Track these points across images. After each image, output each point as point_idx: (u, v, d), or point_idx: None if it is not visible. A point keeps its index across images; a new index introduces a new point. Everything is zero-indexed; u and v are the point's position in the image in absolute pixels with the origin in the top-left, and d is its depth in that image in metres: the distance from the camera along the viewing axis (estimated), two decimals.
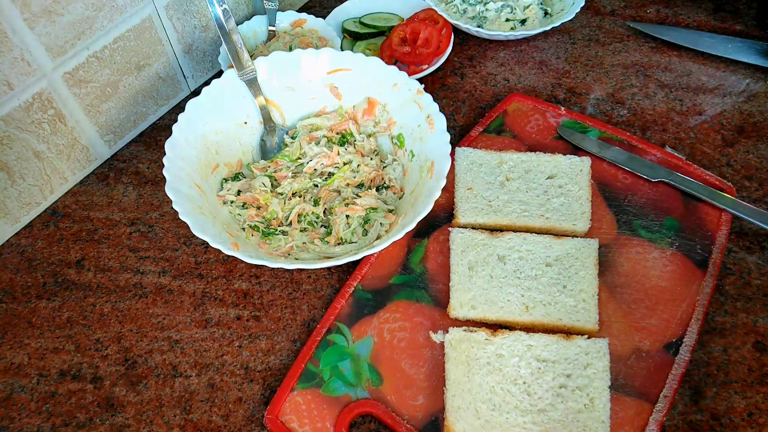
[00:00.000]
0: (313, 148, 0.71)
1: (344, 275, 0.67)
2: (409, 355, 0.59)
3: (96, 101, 0.73)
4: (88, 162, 0.76)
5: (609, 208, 0.68)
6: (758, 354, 0.59)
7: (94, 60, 0.70)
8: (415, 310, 0.62)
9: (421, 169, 0.67)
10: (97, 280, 0.67)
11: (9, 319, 0.64)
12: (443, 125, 0.66)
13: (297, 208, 0.67)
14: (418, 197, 0.65)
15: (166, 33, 0.77)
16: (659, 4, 0.94)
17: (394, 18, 0.92)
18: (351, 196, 0.67)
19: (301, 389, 0.57)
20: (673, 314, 0.60)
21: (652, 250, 0.65)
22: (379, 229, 0.66)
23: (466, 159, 0.72)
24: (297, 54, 0.71)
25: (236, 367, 0.61)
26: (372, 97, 0.73)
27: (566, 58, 0.88)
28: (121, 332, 0.63)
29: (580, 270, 0.62)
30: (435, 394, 0.56)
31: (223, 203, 0.68)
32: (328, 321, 0.61)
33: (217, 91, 0.69)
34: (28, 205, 0.71)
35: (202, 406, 0.58)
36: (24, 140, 0.67)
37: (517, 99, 0.80)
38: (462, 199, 0.69)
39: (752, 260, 0.65)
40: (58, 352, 0.62)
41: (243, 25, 0.85)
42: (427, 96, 0.68)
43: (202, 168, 0.67)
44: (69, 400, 0.59)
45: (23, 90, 0.64)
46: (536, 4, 0.90)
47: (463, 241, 0.65)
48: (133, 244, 0.70)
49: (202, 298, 0.66)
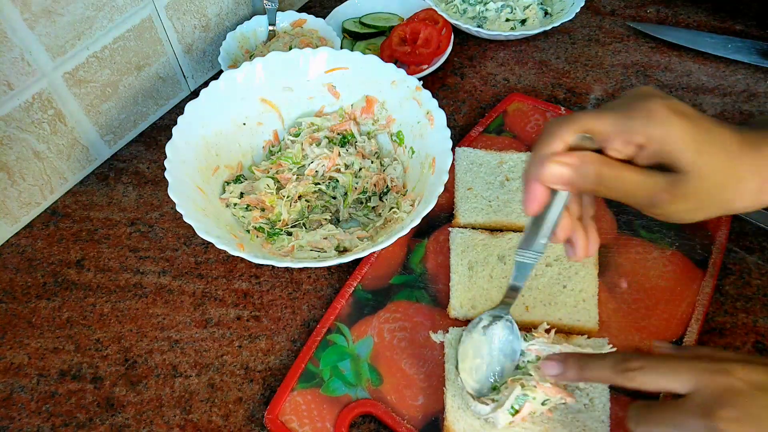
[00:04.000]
0: (315, 150, 0.71)
1: (344, 275, 0.67)
2: (409, 355, 0.59)
3: (96, 101, 0.73)
4: (88, 162, 0.76)
5: (609, 208, 0.68)
6: (758, 354, 0.59)
7: (94, 60, 0.70)
8: (415, 310, 0.62)
9: (422, 166, 0.67)
10: (97, 280, 0.67)
11: (9, 319, 0.64)
12: (443, 121, 0.66)
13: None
14: (420, 194, 0.65)
15: (166, 33, 0.77)
16: (659, 4, 0.94)
17: (394, 18, 0.92)
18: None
19: (301, 389, 0.57)
20: (673, 314, 0.60)
21: (652, 250, 0.65)
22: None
23: (466, 159, 0.72)
24: (295, 54, 0.71)
25: (236, 367, 0.61)
26: (370, 95, 0.73)
27: (566, 58, 0.88)
28: (121, 332, 0.63)
29: (580, 270, 0.62)
30: (435, 394, 0.56)
31: (225, 206, 0.68)
32: (328, 321, 0.61)
33: (215, 93, 0.69)
34: (28, 205, 0.71)
35: (202, 406, 0.58)
36: (24, 140, 0.67)
37: (517, 99, 0.80)
38: (462, 199, 0.69)
39: (752, 260, 0.65)
40: (58, 352, 0.62)
41: (243, 25, 0.85)
42: (426, 92, 0.68)
43: (203, 170, 0.67)
44: (69, 400, 0.59)
45: (23, 90, 0.64)
46: (536, 4, 0.90)
47: (463, 241, 0.65)
48: (133, 244, 0.70)
49: (202, 298, 0.66)
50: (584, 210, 0.51)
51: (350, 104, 0.75)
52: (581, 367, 0.47)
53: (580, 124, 0.45)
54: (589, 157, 0.45)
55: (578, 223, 0.50)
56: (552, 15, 0.90)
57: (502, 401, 0.51)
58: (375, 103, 0.73)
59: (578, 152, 0.45)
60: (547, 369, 0.49)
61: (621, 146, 0.44)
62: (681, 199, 0.44)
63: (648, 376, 0.44)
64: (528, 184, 0.47)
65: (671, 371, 0.43)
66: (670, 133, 0.42)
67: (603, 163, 0.45)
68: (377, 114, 0.74)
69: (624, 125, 0.44)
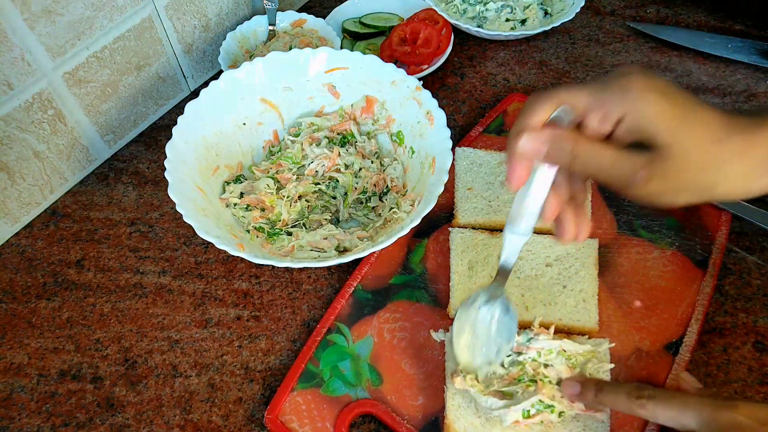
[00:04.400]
0: (315, 150, 0.71)
1: (344, 275, 0.67)
2: (409, 355, 0.59)
3: (96, 101, 0.73)
4: (88, 162, 0.76)
5: (609, 208, 0.68)
6: (758, 354, 0.59)
7: (94, 60, 0.70)
8: (415, 310, 0.62)
9: (422, 166, 0.68)
10: (97, 280, 0.67)
11: (9, 319, 0.64)
12: (443, 121, 0.66)
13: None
14: (420, 194, 0.65)
15: (166, 33, 0.77)
16: (659, 4, 0.94)
17: (394, 18, 0.92)
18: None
19: (301, 389, 0.57)
20: (673, 314, 0.60)
21: (652, 250, 0.65)
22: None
23: (466, 159, 0.72)
24: (294, 54, 0.71)
25: (236, 367, 0.61)
26: (370, 95, 0.73)
27: (566, 58, 0.88)
28: (121, 332, 0.63)
29: (580, 270, 0.62)
30: (435, 394, 0.56)
31: (225, 206, 0.68)
32: (328, 321, 0.61)
33: (215, 93, 0.69)
34: (28, 205, 0.71)
35: (202, 406, 0.58)
36: (24, 140, 0.67)
37: (517, 99, 0.80)
38: (462, 199, 0.69)
39: (752, 260, 0.65)
40: (58, 352, 0.62)
41: (243, 25, 0.85)
42: (426, 92, 0.68)
43: (203, 170, 0.67)
44: (69, 400, 0.59)
45: (23, 90, 0.64)
46: (536, 4, 0.90)
47: (463, 241, 0.65)
48: (133, 244, 0.70)
49: (202, 298, 0.66)
50: (576, 193, 0.50)
51: (350, 104, 0.75)
52: (599, 390, 0.50)
53: (559, 97, 0.45)
54: (564, 133, 0.44)
55: (568, 205, 0.49)
56: (552, 15, 0.90)
57: (518, 401, 0.51)
58: (375, 103, 0.73)
59: (553, 128, 0.45)
60: (567, 388, 0.51)
61: (598, 121, 0.44)
62: (659, 178, 0.42)
63: (659, 407, 0.45)
64: (508, 159, 0.47)
65: (681, 404, 0.45)
66: (645, 108, 0.42)
67: (578, 139, 0.44)
68: (377, 114, 0.74)
69: (600, 99, 0.43)
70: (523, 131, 0.45)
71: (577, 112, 0.45)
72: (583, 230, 0.50)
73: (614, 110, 0.43)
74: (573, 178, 0.49)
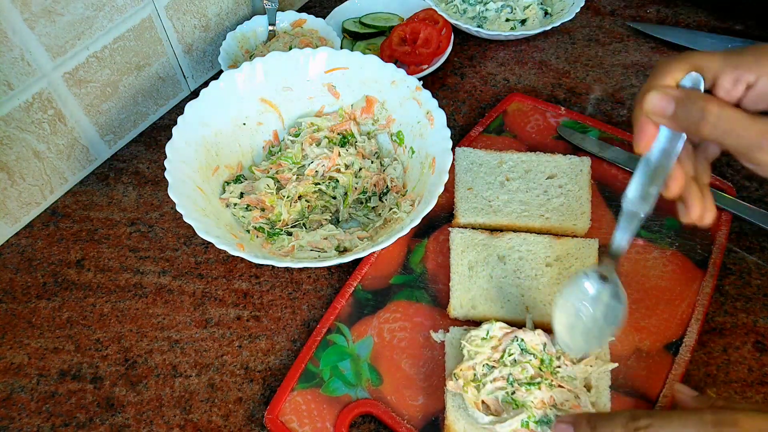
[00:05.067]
0: (314, 150, 0.71)
1: (344, 275, 0.67)
2: (409, 355, 0.59)
3: (96, 101, 0.73)
4: (88, 162, 0.76)
5: (609, 208, 0.68)
6: (758, 354, 0.59)
7: (94, 60, 0.70)
8: (415, 310, 0.62)
9: (422, 166, 0.68)
10: (97, 280, 0.67)
11: (9, 319, 0.64)
12: (443, 121, 0.66)
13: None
14: (420, 194, 0.65)
15: (166, 33, 0.77)
16: (659, 4, 0.94)
17: (394, 18, 0.92)
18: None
19: (301, 389, 0.57)
20: (673, 314, 0.60)
21: (652, 250, 0.65)
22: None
23: (466, 159, 0.72)
24: (294, 54, 0.71)
25: (236, 367, 0.61)
26: (370, 95, 0.73)
27: (566, 58, 0.88)
28: (121, 332, 0.63)
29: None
30: (435, 394, 0.56)
31: (225, 206, 0.68)
32: (328, 321, 0.61)
33: (215, 93, 0.69)
34: (28, 205, 0.71)
35: (202, 406, 0.58)
36: (24, 140, 0.67)
37: (517, 99, 0.80)
38: (462, 199, 0.69)
39: (752, 260, 0.65)
40: (58, 352, 0.62)
41: (243, 25, 0.85)
42: (426, 92, 0.68)
43: (203, 170, 0.67)
44: (69, 400, 0.59)
45: (23, 90, 0.64)
46: (536, 4, 0.90)
47: (463, 241, 0.65)
48: (133, 244, 0.70)
49: (202, 298, 0.66)
50: (699, 174, 0.49)
51: (350, 104, 0.75)
52: (592, 428, 0.47)
53: (691, 61, 0.45)
54: (695, 93, 0.45)
55: (693, 182, 0.49)
56: (552, 15, 0.90)
57: (503, 418, 0.51)
58: (375, 103, 0.73)
59: (685, 88, 0.45)
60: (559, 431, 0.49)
61: (730, 84, 0.44)
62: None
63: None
64: (635, 121, 0.47)
65: (680, 426, 0.43)
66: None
67: (710, 99, 0.44)
68: (377, 114, 0.74)
69: (734, 62, 0.44)
70: (652, 86, 0.45)
71: (709, 75, 0.45)
72: (708, 211, 0.49)
73: (747, 74, 0.43)
74: (697, 155, 0.49)
